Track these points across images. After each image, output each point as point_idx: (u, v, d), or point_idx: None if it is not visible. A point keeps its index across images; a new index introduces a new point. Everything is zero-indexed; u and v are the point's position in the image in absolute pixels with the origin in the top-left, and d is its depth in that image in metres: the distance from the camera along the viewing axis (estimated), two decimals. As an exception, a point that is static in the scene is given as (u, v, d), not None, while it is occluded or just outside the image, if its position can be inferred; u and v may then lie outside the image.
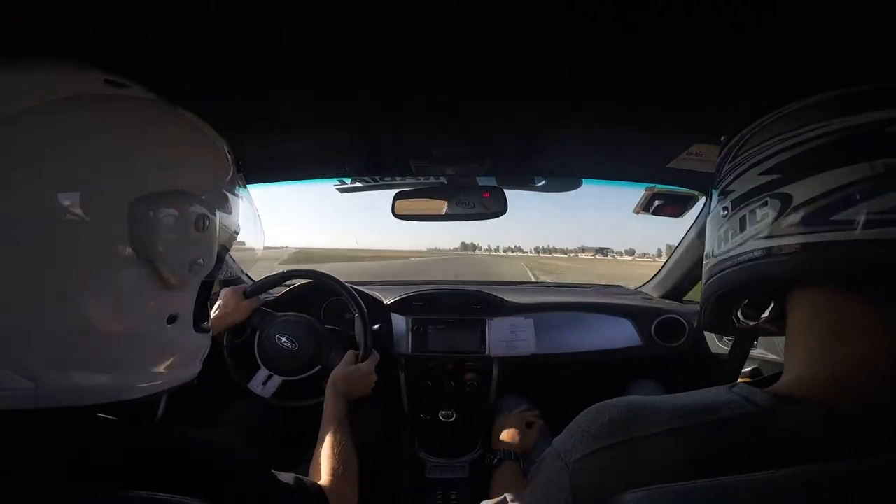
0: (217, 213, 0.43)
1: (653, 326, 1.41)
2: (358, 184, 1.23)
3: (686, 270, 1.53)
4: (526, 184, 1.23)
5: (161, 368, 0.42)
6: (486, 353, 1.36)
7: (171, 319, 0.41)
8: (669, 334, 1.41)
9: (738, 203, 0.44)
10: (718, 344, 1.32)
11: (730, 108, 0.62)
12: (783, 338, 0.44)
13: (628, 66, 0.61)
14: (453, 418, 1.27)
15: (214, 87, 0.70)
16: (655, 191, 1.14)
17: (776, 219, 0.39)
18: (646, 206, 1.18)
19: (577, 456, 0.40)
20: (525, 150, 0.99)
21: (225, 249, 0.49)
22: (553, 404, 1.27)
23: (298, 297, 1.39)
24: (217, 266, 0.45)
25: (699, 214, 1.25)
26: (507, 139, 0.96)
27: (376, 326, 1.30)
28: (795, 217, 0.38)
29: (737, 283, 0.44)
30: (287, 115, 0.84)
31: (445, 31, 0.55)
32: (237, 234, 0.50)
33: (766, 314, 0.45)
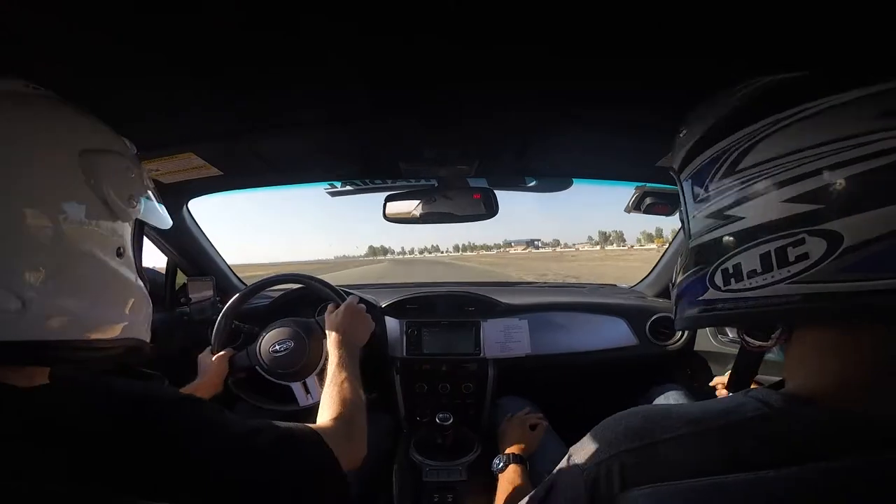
0: (136, 169, 0.53)
1: (647, 325, 1.41)
2: (348, 187, 1.23)
3: (679, 269, 1.53)
4: (516, 184, 1.23)
5: (122, 308, 0.50)
6: (481, 354, 1.36)
7: (119, 253, 0.49)
8: (664, 333, 1.41)
9: (755, 235, 0.37)
10: (713, 342, 1.32)
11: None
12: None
13: (616, 59, 0.61)
14: (450, 421, 1.27)
15: (205, 90, 0.70)
16: (646, 189, 1.14)
17: (819, 263, 0.33)
18: (637, 205, 1.18)
19: (594, 461, 0.40)
20: (514, 151, 0.99)
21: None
22: (551, 404, 1.27)
23: (288, 305, 1.39)
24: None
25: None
26: (497, 140, 0.95)
27: (361, 305, 1.29)
28: (848, 261, 0.31)
29: (762, 323, 0.40)
30: (276, 118, 0.84)
31: (434, 31, 0.55)
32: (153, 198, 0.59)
33: (775, 336, 0.42)
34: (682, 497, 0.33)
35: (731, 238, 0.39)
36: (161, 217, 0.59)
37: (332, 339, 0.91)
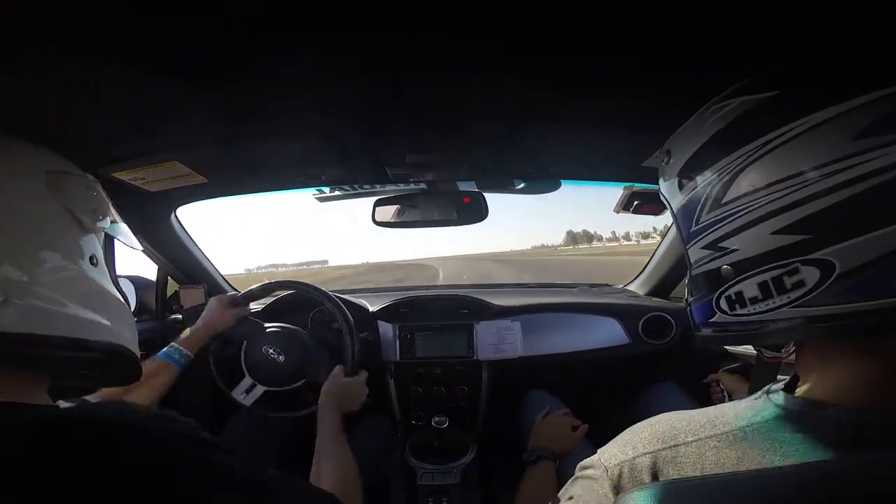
0: (97, 190, 0.57)
1: (640, 324, 1.42)
2: (337, 192, 1.22)
3: (670, 267, 1.54)
4: (505, 187, 1.23)
5: (103, 315, 0.52)
6: (475, 357, 1.36)
7: (92, 262, 0.53)
8: (657, 332, 1.42)
9: (750, 266, 0.37)
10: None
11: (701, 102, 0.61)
12: None
13: (604, 61, 0.61)
14: (445, 424, 1.27)
15: (190, 100, 0.69)
16: (634, 190, 1.15)
17: (815, 289, 0.33)
18: (625, 206, 1.18)
19: (617, 461, 0.42)
20: (501, 153, 0.99)
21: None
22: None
23: (286, 307, 1.38)
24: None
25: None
26: (483, 143, 0.95)
27: (363, 335, 1.29)
28: (843, 286, 0.32)
29: (769, 343, 0.42)
30: (260, 126, 0.84)
31: (418, 32, 0.54)
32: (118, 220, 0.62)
33: (787, 349, 0.44)
34: (691, 493, 0.34)
35: (729, 268, 0.39)
36: (128, 237, 0.63)
37: (331, 402, 0.91)
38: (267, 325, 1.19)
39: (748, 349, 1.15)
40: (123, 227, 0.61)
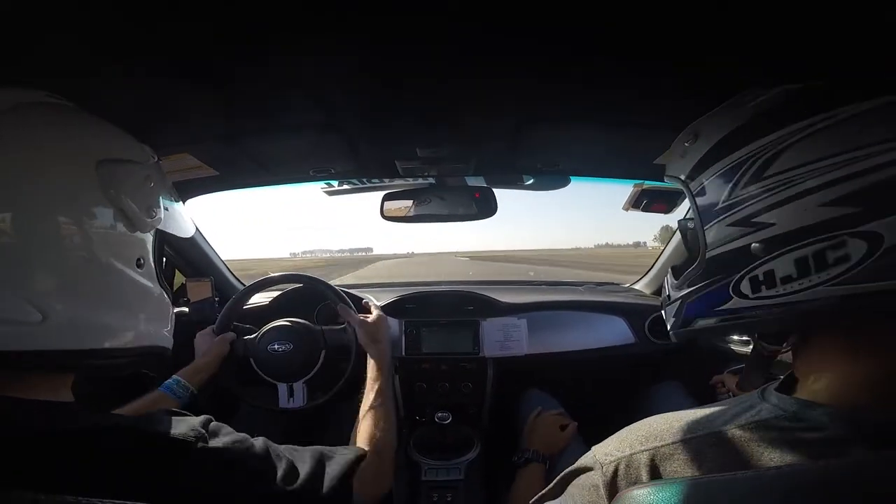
0: (156, 177, 0.53)
1: (646, 324, 1.41)
2: (346, 186, 1.22)
3: (678, 266, 1.53)
4: (514, 183, 1.23)
5: (141, 318, 0.50)
6: (480, 354, 1.35)
7: (139, 264, 0.49)
8: (663, 331, 1.40)
9: (789, 241, 0.36)
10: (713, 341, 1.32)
11: (717, 101, 0.60)
12: None
13: (614, 59, 0.61)
14: (449, 420, 1.27)
15: (201, 93, 0.70)
16: (644, 187, 1.14)
17: (859, 264, 0.33)
18: (635, 203, 1.18)
19: (612, 458, 0.42)
20: (511, 148, 0.99)
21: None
22: (560, 402, 1.27)
23: (289, 304, 1.38)
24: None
25: (689, 210, 1.24)
26: (493, 138, 0.95)
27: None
28: (890, 260, 0.32)
29: (788, 328, 0.41)
30: (271, 120, 0.84)
31: (427, 29, 0.54)
32: (176, 201, 0.59)
33: (789, 342, 0.43)
34: (692, 493, 0.34)
35: (760, 245, 0.38)
36: (181, 225, 0.59)
37: (376, 349, 0.93)
38: (260, 329, 1.18)
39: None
40: (176, 214, 0.57)
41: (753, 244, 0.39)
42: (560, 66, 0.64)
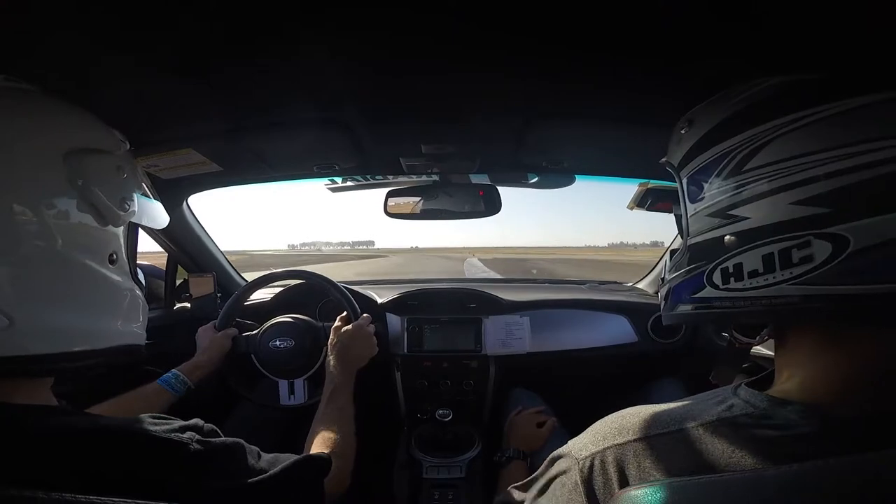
0: (128, 167, 0.50)
1: (649, 323, 1.41)
2: (349, 183, 1.22)
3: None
4: (518, 181, 1.22)
5: (114, 316, 0.48)
6: (483, 351, 1.35)
7: (112, 260, 0.47)
8: (666, 330, 1.40)
9: (759, 236, 0.37)
10: (715, 340, 1.32)
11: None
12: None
13: (619, 56, 0.60)
14: (450, 417, 1.27)
15: (204, 89, 0.69)
16: (649, 186, 1.13)
17: (822, 266, 0.33)
18: (640, 203, 1.17)
19: (587, 452, 0.41)
20: (516, 146, 0.98)
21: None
22: (554, 401, 1.27)
23: (291, 300, 1.38)
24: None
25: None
26: (498, 135, 0.95)
27: (371, 327, 1.29)
28: (852, 265, 0.32)
29: (756, 322, 0.42)
30: (275, 116, 0.83)
31: (434, 21, 0.54)
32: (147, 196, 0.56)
33: (763, 334, 0.44)
34: (681, 495, 0.34)
35: (733, 238, 0.39)
36: (156, 216, 0.56)
37: (335, 356, 0.91)
38: (261, 326, 1.17)
39: (761, 350, 1.13)
40: (149, 205, 0.54)
41: (727, 236, 0.39)
42: (565, 63, 0.64)
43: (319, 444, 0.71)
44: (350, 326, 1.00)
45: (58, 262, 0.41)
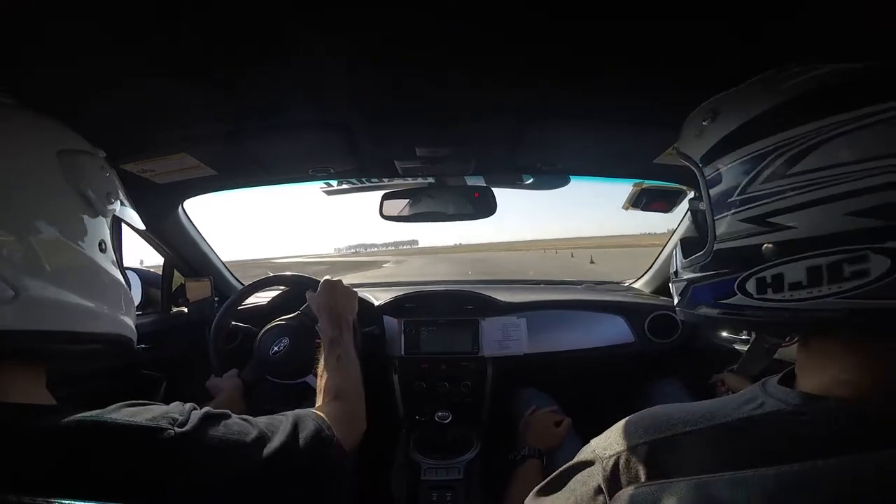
0: (109, 170, 0.56)
1: (646, 323, 1.41)
2: (345, 186, 1.22)
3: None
4: (514, 182, 1.22)
5: (107, 301, 0.52)
6: (480, 353, 1.35)
7: (102, 248, 0.52)
8: (663, 330, 1.41)
9: (805, 247, 0.33)
10: (712, 339, 1.32)
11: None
12: None
13: (614, 58, 0.61)
14: (449, 419, 1.27)
15: (198, 93, 0.69)
16: (644, 186, 1.14)
17: (878, 280, 0.31)
18: (635, 202, 1.18)
19: (613, 451, 0.41)
20: (510, 148, 0.98)
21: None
22: (558, 401, 1.27)
23: (285, 303, 1.38)
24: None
25: (688, 209, 1.25)
26: (493, 138, 0.95)
27: (368, 329, 1.28)
28: None
29: (791, 333, 0.40)
30: (269, 119, 0.83)
31: (427, 25, 0.54)
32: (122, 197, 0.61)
33: (792, 339, 0.42)
34: (706, 490, 0.33)
35: (773, 247, 0.35)
36: (132, 217, 0.62)
37: (322, 319, 0.92)
38: (253, 343, 1.15)
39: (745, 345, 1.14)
40: (128, 210, 0.60)
41: (766, 245, 0.36)
42: (559, 65, 0.64)
43: (322, 391, 0.73)
44: (319, 288, 0.99)
45: (58, 243, 0.46)
